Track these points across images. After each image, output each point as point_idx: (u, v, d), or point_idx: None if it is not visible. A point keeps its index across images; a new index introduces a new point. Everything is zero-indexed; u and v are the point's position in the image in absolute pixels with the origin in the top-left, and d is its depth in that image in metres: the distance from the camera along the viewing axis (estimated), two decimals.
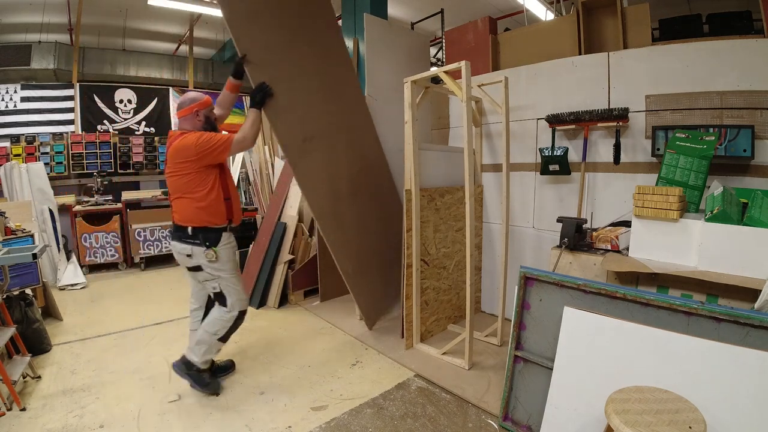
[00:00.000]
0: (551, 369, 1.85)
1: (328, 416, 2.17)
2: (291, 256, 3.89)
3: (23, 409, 2.20)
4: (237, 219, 2.41)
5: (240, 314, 2.39)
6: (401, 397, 2.35)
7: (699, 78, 2.46)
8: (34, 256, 2.30)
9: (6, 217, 3.37)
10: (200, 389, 2.38)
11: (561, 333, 1.82)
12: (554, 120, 2.91)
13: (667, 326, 1.59)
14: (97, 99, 6.33)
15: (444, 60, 5.60)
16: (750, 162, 2.30)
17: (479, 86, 3.10)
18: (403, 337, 2.97)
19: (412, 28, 6.17)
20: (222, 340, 2.39)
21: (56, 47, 6.10)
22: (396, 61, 3.73)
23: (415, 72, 2.77)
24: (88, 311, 3.79)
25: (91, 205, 5.18)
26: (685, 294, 1.97)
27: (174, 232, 2.31)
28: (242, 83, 2.52)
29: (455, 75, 2.49)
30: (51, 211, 4.77)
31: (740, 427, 1.39)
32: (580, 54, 3.40)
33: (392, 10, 5.97)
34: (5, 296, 2.58)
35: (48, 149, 5.77)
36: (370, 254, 3.35)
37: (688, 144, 2.21)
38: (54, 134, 5.89)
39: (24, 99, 5.85)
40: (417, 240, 2.81)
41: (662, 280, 2.07)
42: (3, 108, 5.72)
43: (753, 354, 1.40)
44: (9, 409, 2.18)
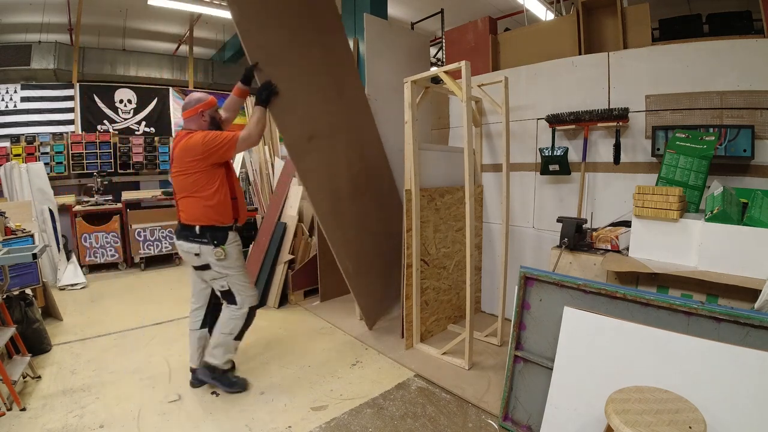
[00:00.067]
0: (551, 369, 1.85)
1: (328, 416, 2.17)
2: (291, 256, 3.89)
3: (23, 409, 2.20)
4: (243, 218, 2.43)
5: (251, 310, 2.40)
6: (401, 397, 2.35)
7: (699, 78, 2.46)
8: (34, 256, 2.30)
9: (6, 217, 3.37)
10: (228, 389, 2.40)
11: (561, 333, 1.82)
12: (554, 120, 2.91)
13: (667, 326, 1.59)
14: (97, 99, 6.32)
15: (444, 60, 5.59)
16: (750, 162, 2.30)
17: (479, 86, 3.10)
18: (403, 337, 2.97)
19: (412, 28, 6.16)
20: (238, 339, 2.41)
21: (56, 47, 6.09)
22: (396, 61, 3.72)
23: (415, 72, 2.77)
24: (88, 311, 3.79)
25: (91, 205, 5.18)
26: (685, 294, 1.97)
27: (180, 231, 2.31)
28: (250, 89, 2.54)
29: (455, 75, 2.49)
30: (51, 211, 4.77)
31: (740, 427, 1.39)
32: (580, 54, 3.39)
33: (392, 10, 5.97)
34: (5, 296, 2.58)
35: (48, 149, 5.77)
36: (371, 254, 3.35)
37: (688, 144, 2.21)
38: (54, 134, 5.88)
39: (24, 99, 5.84)
40: (417, 240, 2.81)
41: (662, 280, 2.07)
42: (3, 108, 5.71)
43: (753, 354, 1.40)
44: (9, 409, 2.18)
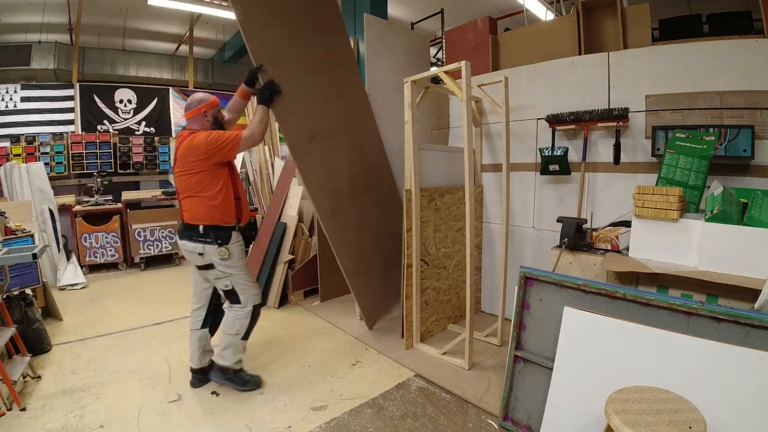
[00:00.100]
0: (551, 369, 1.85)
1: (328, 416, 2.17)
2: (291, 256, 3.89)
3: (23, 409, 2.20)
4: (245, 218, 2.43)
5: (255, 308, 2.41)
6: (401, 397, 2.35)
7: (699, 78, 2.46)
8: (34, 256, 2.30)
9: (6, 217, 3.37)
10: (242, 388, 2.41)
11: (561, 333, 1.82)
12: (554, 120, 2.91)
13: (667, 326, 1.59)
14: (97, 99, 6.32)
15: (444, 60, 5.59)
16: (750, 162, 2.30)
17: (479, 86, 3.10)
18: (403, 337, 2.97)
19: (412, 28, 6.16)
20: (245, 338, 2.42)
21: (56, 47, 6.10)
22: (396, 61, 3.72)
23: (415, 72, 2.77)
24: (88, 311, 3.79)
25: (91, 205, 5.18)
26: (685, 294, 1.97)
27: (183, 231, 2.30)
28: (253, 90, 2.54)
29: (455, 75, 2.49)
30: (51, 211, 4.77)
31: (740, 427, 1.39)
32: (580, 54, 3.39)
33: (392, 10, 5.97)
34: (5, 296, 2.58)
35: (48, 149, 5.77)
36: (371, 253, 3.35)
37: (688, 144, 2.21)
38: (54, 134, 5.88)
39: (24, 99, 5.84)
40: (417, 240, 2.81)
41: (662, 280, 2.07)
42: (3, 108, 5.72)
43: (753, 354, 1.40)
44: (9, 409, 2.18)
